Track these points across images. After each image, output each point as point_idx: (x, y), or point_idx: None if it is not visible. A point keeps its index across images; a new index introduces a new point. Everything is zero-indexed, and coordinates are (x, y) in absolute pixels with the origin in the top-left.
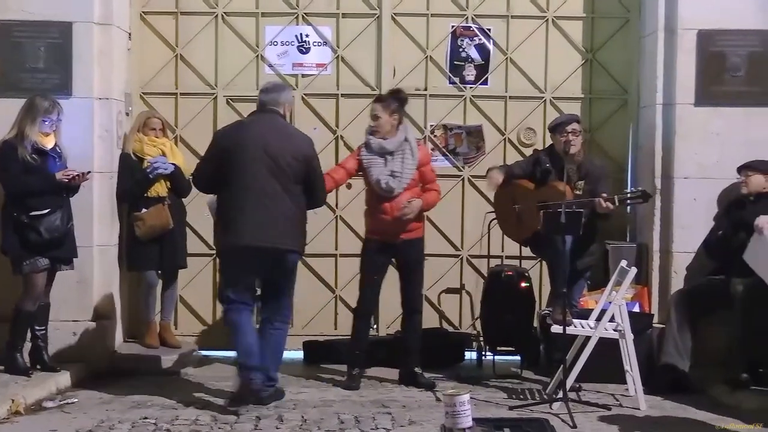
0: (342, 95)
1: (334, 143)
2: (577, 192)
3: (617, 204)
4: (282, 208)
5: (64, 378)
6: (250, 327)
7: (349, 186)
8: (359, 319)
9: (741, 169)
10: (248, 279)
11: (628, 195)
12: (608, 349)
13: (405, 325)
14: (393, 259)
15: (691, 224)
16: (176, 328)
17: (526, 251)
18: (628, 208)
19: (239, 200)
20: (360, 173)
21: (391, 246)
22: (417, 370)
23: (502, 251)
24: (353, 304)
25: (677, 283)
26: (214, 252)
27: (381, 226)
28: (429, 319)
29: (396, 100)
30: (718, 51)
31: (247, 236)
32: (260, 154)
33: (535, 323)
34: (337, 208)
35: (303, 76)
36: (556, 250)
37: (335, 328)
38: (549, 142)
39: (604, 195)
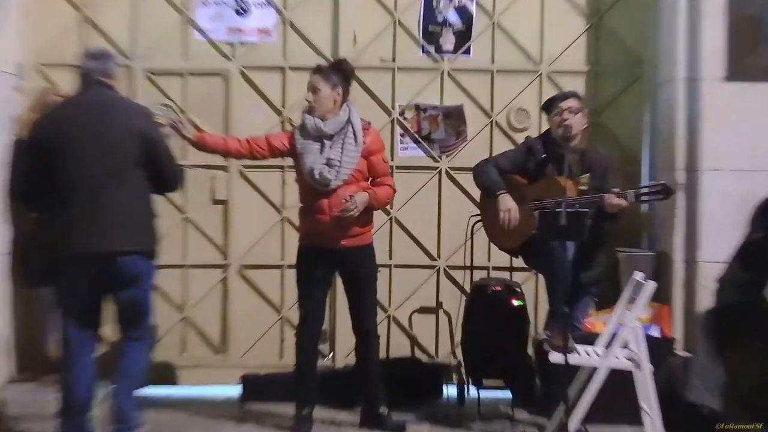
0: (290, 68)
1: (280, 128)
2: (581, 187)
3: (632, 201)
4: (117, 201)
5: None
6: (86, 374)
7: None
8: (302, 346)
9: None
10: (84, 302)
11: (646, 190)
12: (620, 382)
13: (359, 351)
14: (336, 273)
15: (722, 227)
16: None
17: (519, 261)
18: (645, 206)
19: (65, 196)
20: (291, 163)
21: (330, 254)
22: (382, 410)
23: (489, 261)
24: None
25: (705, 300)
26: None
27: (316, 229)
28: (398, 346)
29: (339, 71)
30: (752, 14)
31: (77, 241)
32: (88, 138)
33: (530, 351)
34: (283, 208)
35: (241, 43)
36: (554, 259)
37: (281, 358)
38: (545, 126)
39: (615, 190)
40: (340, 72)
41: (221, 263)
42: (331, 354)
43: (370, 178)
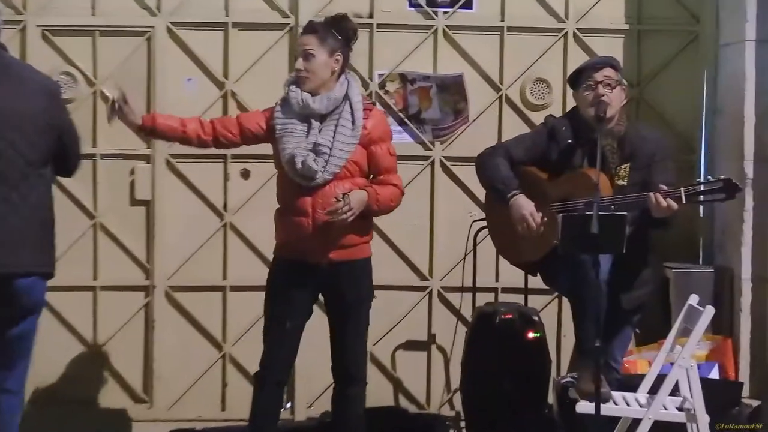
0: (234, 25)
1: (221, 103)
2: (619, 182)
3: (684, 202)
4: (29, 204)
5: None
6: None
7: (245, 174)
8: (262, 391)
9: None
10: None
11: (703, 187)
12: None
13: (337, 403)
14: (320, 294)
15: None
16: None
17: (536, 281)
18: (702, 208)
19: None
20: (236, 151)
21: (313, 270)
22: None
23: (497, 280)
24: (252, 367)
25: None
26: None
27: (296, 236)
28: (378, 392)
29: (339, 31)
30: None
31: None
32: None
33: (551, 398)
34: (225, 211)
35: None
36: (583, 278)
37: (223, 409)
38: (570, 103)
39: (664, 187)
40: (341, 32)
41: (143, 284)
42: (290, 404)
43: (371, 175)
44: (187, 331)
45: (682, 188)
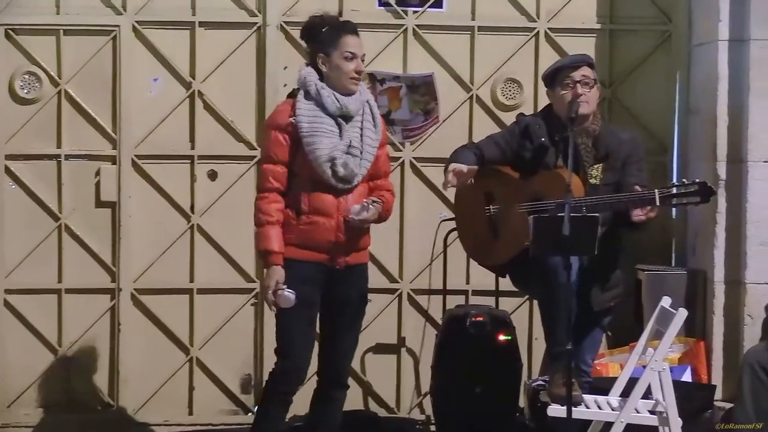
0: (201, 24)
1: (188, 103)
2: (593, 182)
3: (658, 204)
4: None
5: None
6: None
7: (212, 175)
8: (277, 404)
9: None
10: None
11: (676, 190)
12: None
13: (321, 405)
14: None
15: None
16: None
17: (507, 283)
18: (674, 210)
19: None
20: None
21: (326, 274)
22: None
23: (467, 283)
24: (218, 370)
25: (753, 333)
26: None
27: (321, 240)
28: (348, 396)
29: (309, 39)
30: None
31: None
32: None
33: (522, 401)
34: (192, 212)
35: None
36: (554, 280)
37: (190, 413)
38: (543, 101)
39: (638, 189)
40: (312, 38)
41: (109, 287)
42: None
43: (370, 179)
44: (153, 334)
45: (656, 191)
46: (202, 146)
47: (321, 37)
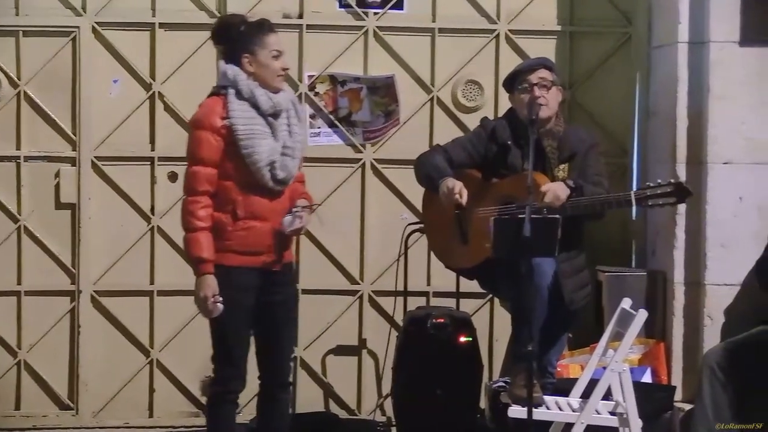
0: (161, 26)
1: (148, 105)
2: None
3: (635, 206)
4: None
5: None
6: None
7: (173, 177)
8: (224, 408)
9: None
10: None
11: (652, 191)
12: None
13: (269, 408)
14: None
15: (736, 239)
16: None
17: (468, 285)
18: (634, 211)
19: None
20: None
21: (263, 277)
22: None
23: (428, 284)
24: (179, 372)
25: (712, 335)
26: None
27: (260, 244)
28: (308, 398)
29: (221, 40)
30: None
31: None
32: None
33: (483, 403)
34: (152, 214)
35: None
36: (525, 283)
37: (150, 415)
38: (503, 104)
39: (570, 182)
40: (225, 39)
41: (69, 289)
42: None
43: None
44: (113, 336)
45: (632, 192)
46: (162, 148)
47: (243, 36)
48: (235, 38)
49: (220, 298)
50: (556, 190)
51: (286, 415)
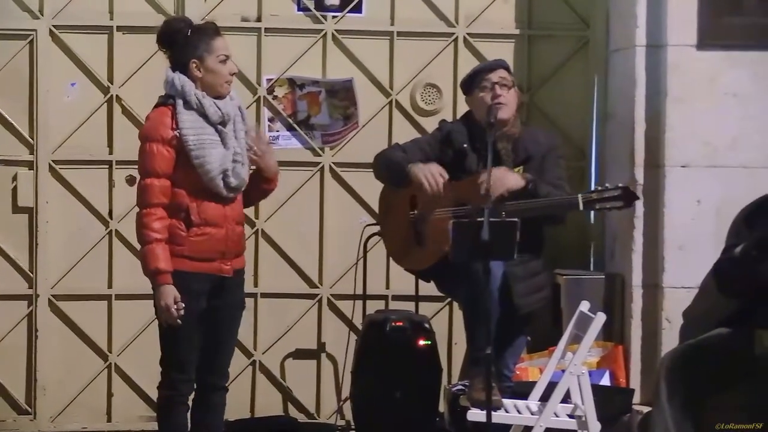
0: (119, 29)
1: (106, 108)
2: None
3: (582, 209)
4: None
5: None
6: None
7: (131, 180)
8: (176, 411)
9: None
10: None
11: (599, 195)
12: None
13: (202, 411)
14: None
15: (694, 242)
16: None
17: (427, 288)
18: (592, 214)
19: None
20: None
21: (214, 282)
22: None
23: (387, 288)
24: (137, 376)
25: (671, 338)
26: None
27: (214, 250)
28: (266, 402)
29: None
30: None
31: None
32: None
33: (442, 406)
34: (110, 218)
35: None
36: (477, 286)
37: (108, 420)
38: (461, 108)
39: (528, 176)
40: (169, 44)
41: (26, 293)
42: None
43: None
44: (71, 340)
45: (579, 195)
46: (120, 151)
47: (191, 41)
48: (182, 43)
49: (183, 305)
50: (502, 176)
51: (221, 418)
